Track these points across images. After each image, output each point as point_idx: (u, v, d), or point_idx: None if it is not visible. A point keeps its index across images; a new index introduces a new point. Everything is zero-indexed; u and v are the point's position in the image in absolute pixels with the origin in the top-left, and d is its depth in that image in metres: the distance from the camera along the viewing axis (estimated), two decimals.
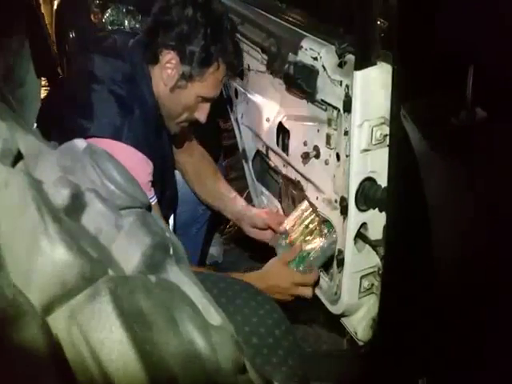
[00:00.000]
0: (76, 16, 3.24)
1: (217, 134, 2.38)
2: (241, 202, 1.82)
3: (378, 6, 1.20)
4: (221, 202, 1.84)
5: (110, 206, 0.57)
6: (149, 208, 0.66)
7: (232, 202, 1.81)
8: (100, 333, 0.43)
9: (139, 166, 1.39)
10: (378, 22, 1.35)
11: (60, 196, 0.51)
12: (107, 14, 2.78)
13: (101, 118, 1.39)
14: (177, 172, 1.81)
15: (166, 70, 1.44)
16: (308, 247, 1.52)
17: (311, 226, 1.54)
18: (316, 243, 1.51)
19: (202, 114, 1.52)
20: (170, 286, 0.55)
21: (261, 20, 1.62)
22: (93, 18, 2.91)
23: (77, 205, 0.53)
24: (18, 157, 0.54)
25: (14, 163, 0.53)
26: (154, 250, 0.56)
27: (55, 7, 3.84)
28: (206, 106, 1.52)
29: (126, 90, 1.43)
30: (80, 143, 0.63)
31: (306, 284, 1.49)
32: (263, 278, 1.46)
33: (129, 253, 0.55)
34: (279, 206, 1.79)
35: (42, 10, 5.09)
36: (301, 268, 1.51)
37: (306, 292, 1.49)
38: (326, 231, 1.49)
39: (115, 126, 1.39)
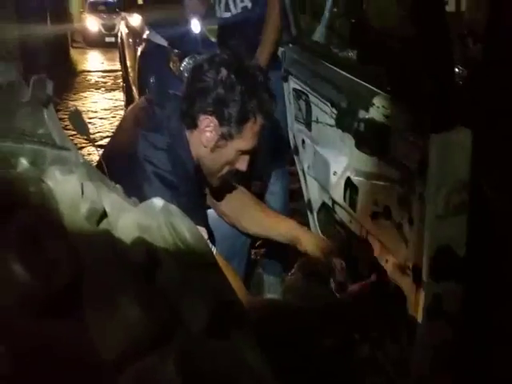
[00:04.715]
0: (156, 63, 3.44)
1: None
2: (292, 222, 1.80)
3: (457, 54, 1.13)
4: (271, 229, 1.81)
5: (180, 264, 0.59)
6: (215, 267, 0.67)
7: (283, 224, 1.79)
8: None
9: None
10: (457, 70, 1.28)
11: (137, 255, 0.54)
12: (184, 63, 2.91)
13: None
14: (210, 211, 1.80)
15: (205, 134, 1.46)
16: None
17: None
18: None
19: (242, 164, 1.53)
20: (233, 351, 0.57)
21: (330, 74, 1.58)
22: (171, 66, 3.07)
23: (151, 263, 0.56)
24: (103, 216, 0.57)
25: (99, 222, 0.57)
26: (219, 311, 0.58)
27: (139, 53, 4.08)
28: (247, 157, 1.53)
29: (168, 169, 1.43)
30: (158, 202, 0.65)
31: None
32: None
33: (196, 312, 0.56)
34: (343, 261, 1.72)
35: (126, 54, 5.35)
36: None
37: None
38: None
39: None
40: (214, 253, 1.49)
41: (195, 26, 2.35)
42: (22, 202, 0.50)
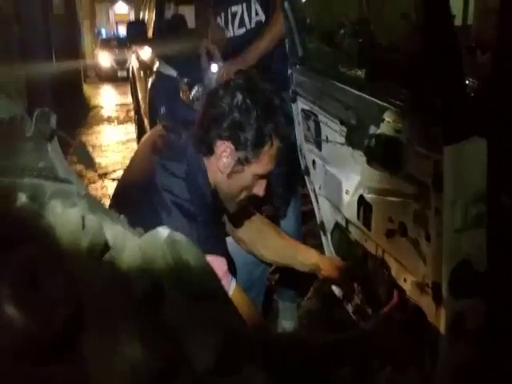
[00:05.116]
0: (166, 93, 3.49)
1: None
2: (311, 250, 1.77)
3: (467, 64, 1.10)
4: (290, 257, 1.78)
5: (185, 296, 0.56)
6: (224, 299, 0.64)
7: (302, 253, 1.76)
8: None
9: (214, 267, 1.34)
10: (467, 82, 1.26)
11: (141, 287, 0.52)
12: (194, 91, 2.93)
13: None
14: (229, 238, 1.77)
15: (222, 159, 1.44)
16: None
17: None
18: None
19: (259, 189, 1.51)
20: None
21: (339, 92, 1.57)
22: (181, 95, 3.09)
23: (155, 296, 0.54)
24: (106, 249, 0.56)
25: (101, 255, 0.55)
26: (228, 345, 0.55)
27: (149, 85, 4.16)
28: (264, 181, 1.51)
29: (186, 198, 1.42)
30: (163, 231, 0.63)
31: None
32: None
33: (203, 347, 0.54)
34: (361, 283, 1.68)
35: (137, 87, 5.45)
36: None
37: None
38: None
39: None
40: (234, 283, 1.48)
41: (216, 59, 2.34)
42: (19, 238, 0.48)
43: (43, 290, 0.43)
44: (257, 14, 2.32)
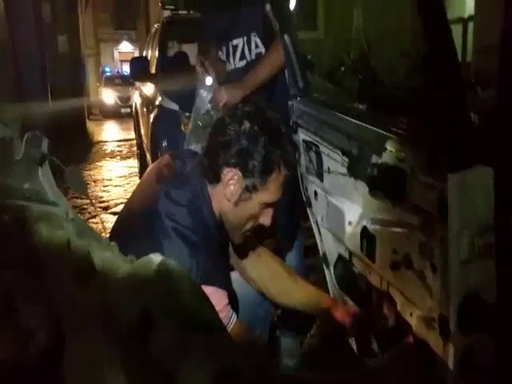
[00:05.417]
0: (168, 127, 3.52)
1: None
2: (323, 294, 1.73)
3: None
4: (300, 302, 1.73)
5: (177, 326, 0.54)
6: (221, 333, 0.61)
7: (313, 297, 1.72)
8: None
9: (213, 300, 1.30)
10: None
11: (128, 316, 0.50)
12: None
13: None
14: (234, 273, 1.72)
15: (229, 187, 1.41)
16: None
17: None
18: None
19: (266, 218, 1.48)
20: None
21: (340, 122, 1.55)
22: (183, 128, 3.11)
23: (144, 326, 0.51)
24: (92, 274, 0.53)
25: (88, 280, 0.52)
26: (223, 382, 0.54)
27: (151, 119, 4.20)
28: (270, 211, 1.47)
29: (188, 226, 1.39)
30: (155, 258, 0.61)
31: None
32: None
33: (195, 382, 0.52)
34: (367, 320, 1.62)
35: (140, 122, 5.49)
36: None
37: None
38: None
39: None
40: (234, 318, 1.44)
41: (209, 84, 2.37)
42: (1, 260, 0.45)
43: (21, 319, 0.40)
44: (257, 46, 2.35)
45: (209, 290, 1.33)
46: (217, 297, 1.36)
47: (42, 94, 6.62)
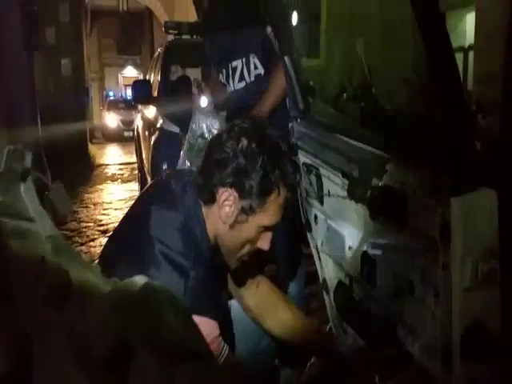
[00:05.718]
0: (169, 149, 3.52)
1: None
2: (326, 335, 1.68)
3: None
4: (298, 337, 1.66)
5: (161, 359, 0.50)
6: (210, 365, 0.57)
7: (312, 332, 1.65)
8: None
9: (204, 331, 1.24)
10: None
11: (103, 344, 0.46)
12: (196, 147, 2.93)
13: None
14: (233, 302, 1.66)
15: (224, 208, 1.32)
16: None
17: None
18: None
19: (264, 242, 1.38)
20: None
21: (340, 144, 1.53)
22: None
23: (123, 352, 0.47)
24: (66, 296, 0.49)
25: (60, 304, 0.48)
26: None
27: (152, 143, 4.21)
28: (269, 234, 1.38)
29: (178, 250, 1.31)
30: (139, 280, 0.58)
31: None
32: None
33: None
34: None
35: (141, 145, 5.48)
36: None
37: None
38: None
39: None
40: (226, 351, 1.34)
41: (206, 93, 2.36)
42: None
43: None
44: (256, 67, 2.36)
45: (197, 319, 1.25)
46: (206, 327, 1.26)
47: (31, 118, 6.63)
